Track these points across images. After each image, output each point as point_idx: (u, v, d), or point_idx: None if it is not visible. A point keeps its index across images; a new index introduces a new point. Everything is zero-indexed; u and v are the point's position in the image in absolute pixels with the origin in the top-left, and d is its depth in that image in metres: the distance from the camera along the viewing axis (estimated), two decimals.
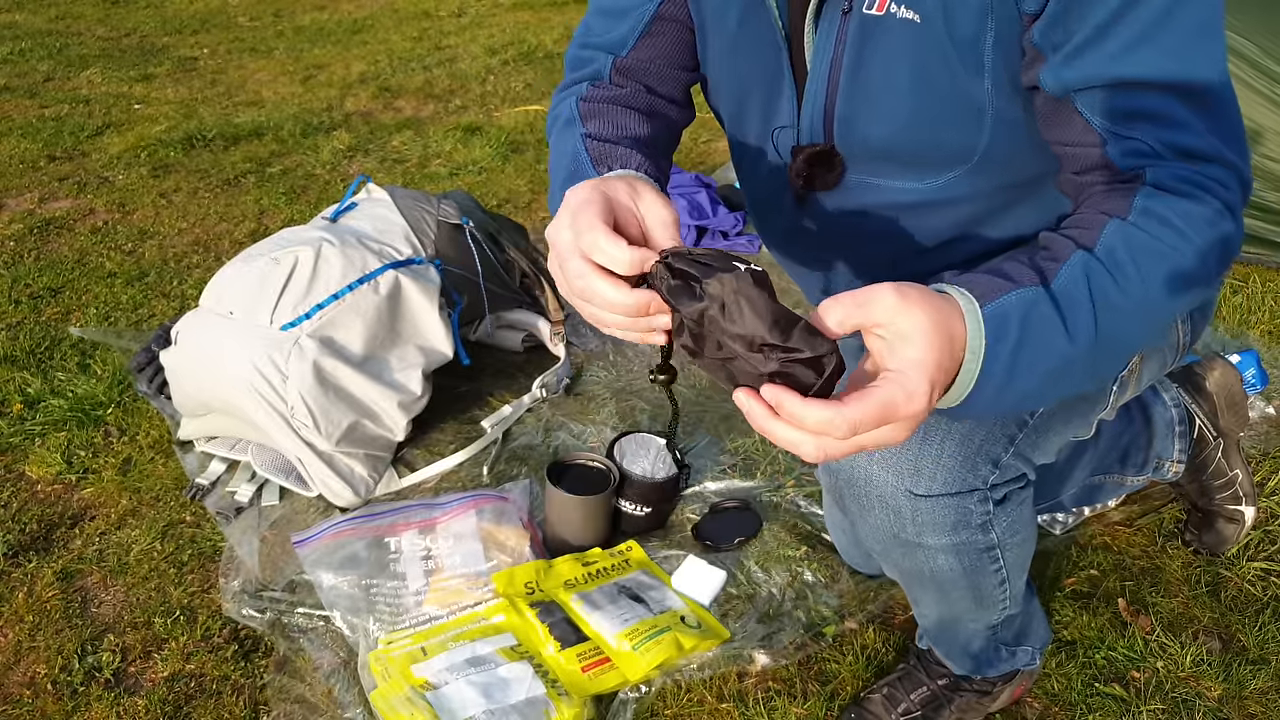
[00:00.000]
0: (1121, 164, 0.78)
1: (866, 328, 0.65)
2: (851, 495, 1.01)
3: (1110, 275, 0.72)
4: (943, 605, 1.13)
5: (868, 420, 0.62)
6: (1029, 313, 0.69)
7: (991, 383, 0.69)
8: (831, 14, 0.87)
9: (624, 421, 1.92)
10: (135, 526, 1.66)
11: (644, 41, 1.03)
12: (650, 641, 1.36)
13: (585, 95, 1.02)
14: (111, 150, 3.35)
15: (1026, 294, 0.69)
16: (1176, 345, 1.10)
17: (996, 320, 0.68)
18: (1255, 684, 1.39)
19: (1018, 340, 0.68)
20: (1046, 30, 0.78)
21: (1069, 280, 0.71)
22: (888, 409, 0.62)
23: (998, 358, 0.68)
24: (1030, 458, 1.02)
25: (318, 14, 5.54)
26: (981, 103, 0.85)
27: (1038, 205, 0.96)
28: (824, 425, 0.62)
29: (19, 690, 1.37)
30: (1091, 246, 0.73)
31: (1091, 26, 0.75)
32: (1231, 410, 1.57)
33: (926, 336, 0.63)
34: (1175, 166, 0.76)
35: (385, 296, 1.72)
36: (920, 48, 0.84)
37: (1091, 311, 0.71)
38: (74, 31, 5.10)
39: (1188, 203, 0.75)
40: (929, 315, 0.64)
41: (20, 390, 2.00)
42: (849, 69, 0.88)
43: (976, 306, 0.68)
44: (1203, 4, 0.75)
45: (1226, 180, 0.77)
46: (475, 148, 3.37)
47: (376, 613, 1.44)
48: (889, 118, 0.89)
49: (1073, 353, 0.71)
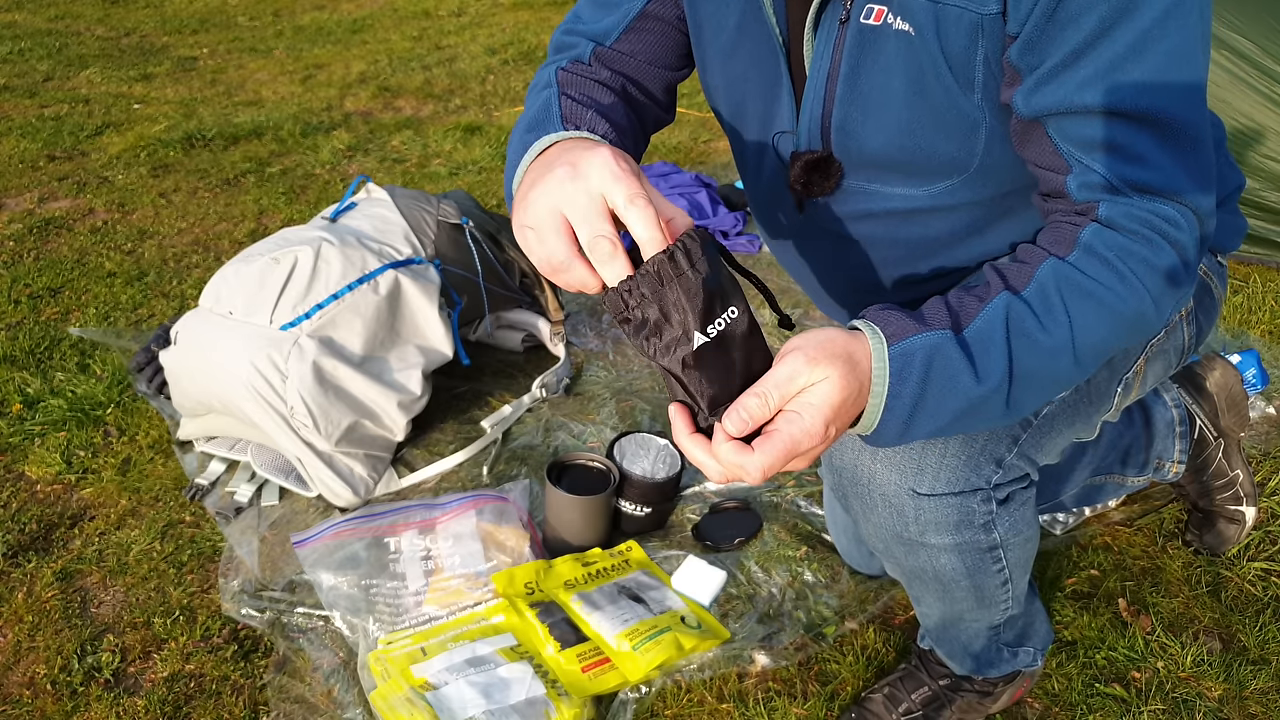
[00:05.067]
0: (1078, 196, 0.79)
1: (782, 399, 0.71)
2: (855, 494, 1.01)
3: (1035, 315, 0.75)
4: (945, 605, 1.13)
5: (776, 463, 0.70)
6: (933, 355, 0.74)
7: (896, 417, 0.75)
8: (830, 22, 0.88)
9: (624, 421, 1.92)
10: (135, 526, 1.66)
11: (628, 36, 1.04)
12: (650, 642, 1.36)
13: (565, 67, 1.03)
14: (111, 150, 3.35)
15: (933, 337, 0.74)
16: (1181, 348, 1.11)
17: (901, 360, 0.73)
18: (1256, 684, 1.38)
19: (921, 379, 0.73)
20: (1023, 52, 0.78)
21: (986, 321, 0.75)
22: (793, 448, 0.70)
23: (900, 395, 0.74)
24: (1033, 457, 1.02)
25: (317, 13, 5.54)
26: (975, 117, 0.86)
27: (1035, 211, 0.97)
28: (735, 468, 0.71)
29: (18, 690, 1.37)
30: (1021, 288, 0.77)
31: (1064, 52, 0.76)
32: (1232, 410, 1.57)
33: (830, 385, 0.70)
34: (1129, 204, 0.77)
35: (385, 296, 1.72)
36: (914, 59, 0.84)
37: (1006, 352, 0.75)
38: (73, 31, 5.10)
39: (1134, 243, 0.76)
40: (835, 369, 0.70)
41: (20, 390, 2.00)
42: (846, 77, 0.88)
43: (884, 346, 0.73)
44: (1181, 34, 0.74)
45: (1181, 220, 0.77)
46: (475, 147, 3.37)
47: (376, 613, 1.44)
48: (884, 127, 0.89)
49: (982, 392, 0.75)
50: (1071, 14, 0.74)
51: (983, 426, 0.80)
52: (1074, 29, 0.75)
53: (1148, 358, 1.07)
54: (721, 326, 0.70)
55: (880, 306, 0.78)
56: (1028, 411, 0.81)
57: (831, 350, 0.71)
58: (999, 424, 0.81)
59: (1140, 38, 0.74)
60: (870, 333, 0.74)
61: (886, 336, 0.74)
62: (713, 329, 0.70)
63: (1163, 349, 1.08)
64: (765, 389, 0.70)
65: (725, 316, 0.71)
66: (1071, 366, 0.78)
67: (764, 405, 0.70)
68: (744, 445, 0.70)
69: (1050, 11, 0.75)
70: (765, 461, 0.70)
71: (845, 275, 1.08)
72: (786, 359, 0.71)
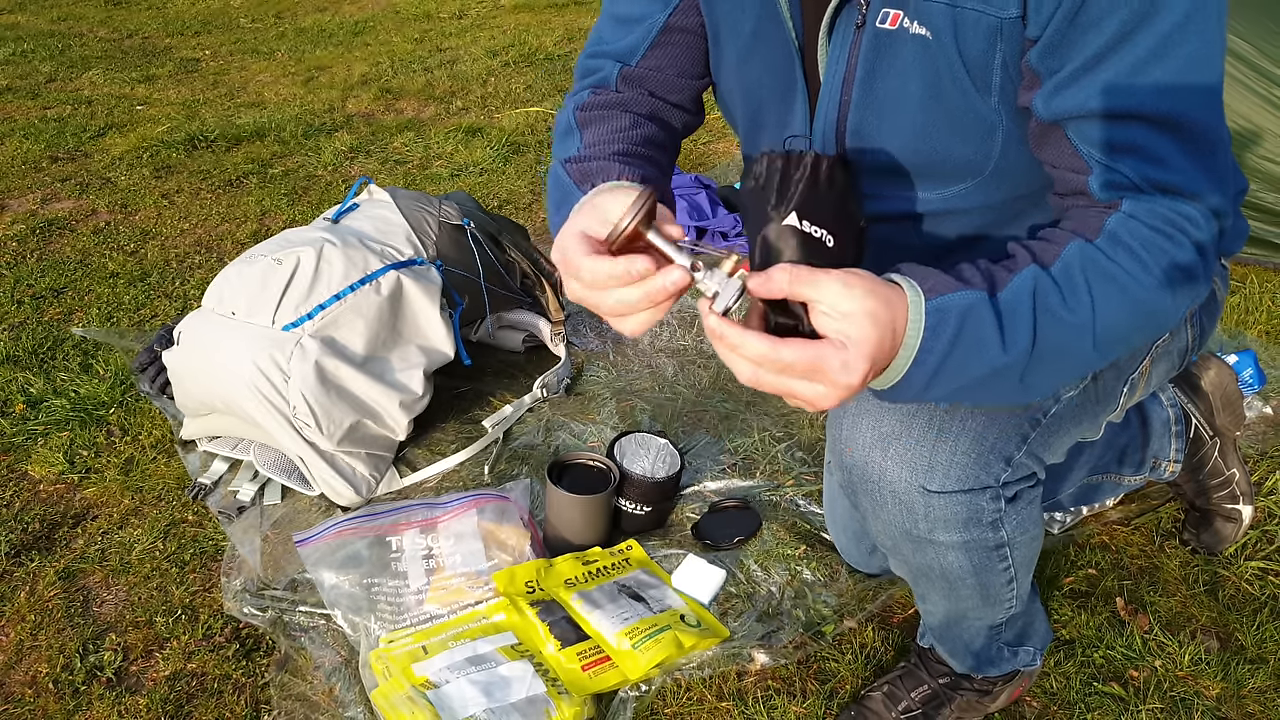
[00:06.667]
0: (1101, 196, 0.80)
1: (812, 302, 0.70)
2: (864, 490, 1.02)
3: (1060, 292, 0.75)
4: (950, 602, 1.13)
5: (798, 365, 0.68)
6: (967, 314, 0.73)
7: (923, 371, 0.74)
8: (845, 27, 0.88)
9: (624, 421, 1.92)
10: (137, 526, 1.67)
11: (653, 51, 1.04)
12: (650, 640, 1.37)
13: (583, 104, 1.04)
14: (114, 151, 3.36)
15: (970, 296, 0.74)
16: (1185, 349, 1.12)
17: (938, 315, 0.73)
18: (1253, 683, 1.39)
19: (953, 337, 0.73)
20: (1043, 56, 0.79)
21: (1014, 292, 0.75)
22: (819, 363, 0.68)
23: (931, 350, 0.73)
24: (1041, 456, 1.03)
25: (319, 15, 5.55)
26: (992, 120, 0.86)
27: (1049, 212, 0.97)
28: (763, 350, 0.68)
29: (21, 689, 1.38)
30: (1049, 263, 0.76)
31: (1086, 56, 0.77)
32: (1227, 409, 1.58)
33: (869, 318, 0.69)
34: (1152, 202, 0.78)
35: (387, 297, 1.73)
36: (931, 63, 0.85)
37: (1031, 324, 0.75)
38: (76, 33, 5.11)
39: (1158, 236, 0.77)
40: (872, 301, 0.69)
41: (23, 390, 2.01)
42: (861, 82, 0.89)
43: (921, 298, 0.73)
44: (1200, 39, 0.75)
45: (1200, 220, 0.78)
46: (476, 149, 3.38)
47: (378, 612, 1.44)
48: (900, 131, 0.90)
49: (1005, 361, 0.75)
50: (1093, 18, 0.75)
51: (991, 400, 0.80)
52: (1095, 33, 0.75)
53: (1153, 358, 1.08)
54: (811, 231, 0.76)
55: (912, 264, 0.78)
56: (1037, 394, 0.80)
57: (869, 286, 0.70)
58: (1008, 400, 0.80)
59: (1161, 42, 0.74)
60: (908, 286, 0.74)
61: (924, 291, 0.73)
62: (806, 225, 0.76)
63: (1167, 350, 1.09)
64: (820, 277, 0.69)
65: (819, 229, 0.77)
66: (1090, 349, 0.78)
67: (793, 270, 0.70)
68: (770, 337, 0.69)
69: (1072, 15, 0.76)
70: (789, 356, 0.68)
71: None
72: (849, 274, 0.70)
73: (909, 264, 0.77)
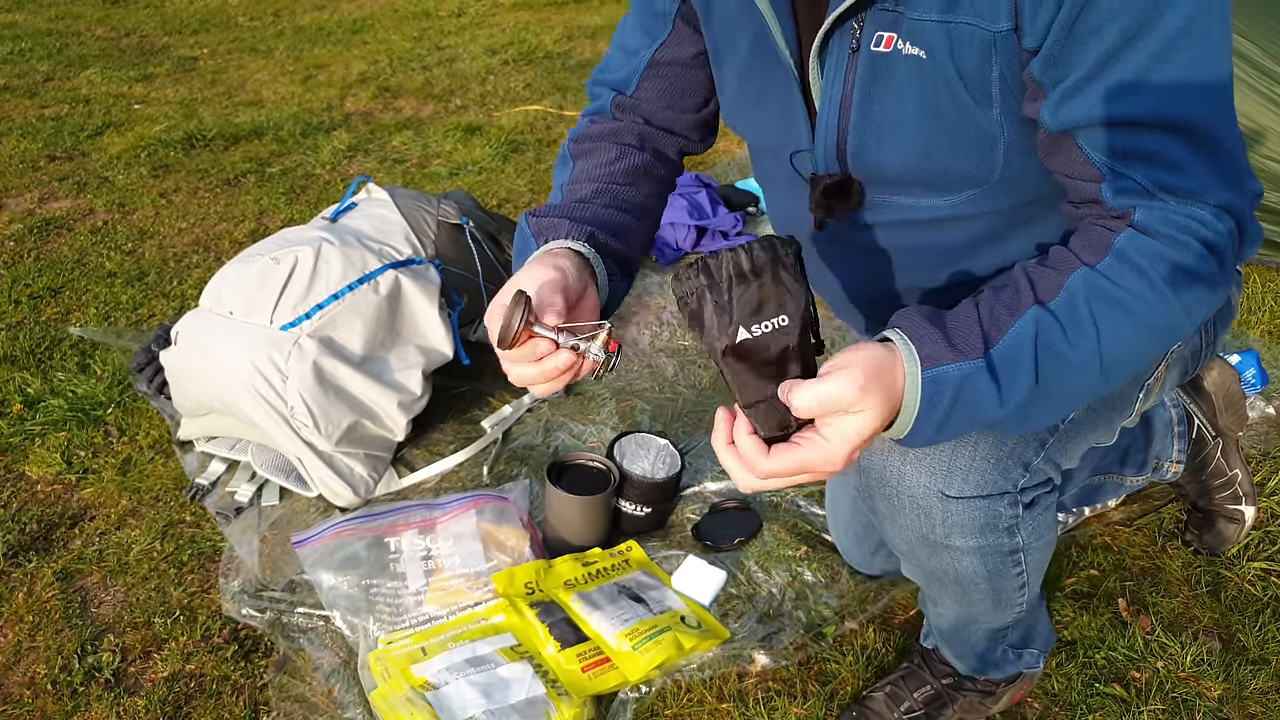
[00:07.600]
0: (1113, 204, 0.80)
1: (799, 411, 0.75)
2: (882, 495, 1.02)
3: (1063, 329, 0.77)
4: (962, 606, 1.13)
5: (782, 472, 0.76)
6: (963, 385, 0.77)
7: (919, 436, 0.80)
8: (839, 51, 0.88)
9: (624, 421, 1.92)
10: (135, 526, 1.66)
11: (645, 83, 1.10)
12: (650, 641, 1.36)
13: (578, 135, 1.11)
14: (111, 150, 3.35)
15: (965, 368, 0.77)
16: (1197, 353, 1.12)
17: (933, 386, 0.77)
18: (1255, 684, 1.39)
19: (949, 407, 0.77)
20: (1045, 67, 0.78)
21: (1015, 339, 0.77)
22: (804, 466, 0.75)
23: (927, 420, 0.78)
24: (1058, 462, 1.03)
25: (318, 14, 5.54)
26: (993, 133, 0.86)
27: (1058, 217, 0.97)
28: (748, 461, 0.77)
29: (19, 690, 1.37)
30: (1052, 296, 0.78)
31: (1089, 65, 0.76)
32: (1229, 410, 1.57)
33: (869, 418, 0.74)
34: (1165, 208, 0.78)
35: (385, 296, 1.72)
36: (928, 83, 0.84)
37: (1033, 370, 0.77)
38: (74, 31, 5.10)
39: (1169, 248, 0.77)
40: (878, 400, 0.74)
41: (20, 390, 2.00)
42: (859, 105, 0.89)
43: (918, 369, 0.77)
44: (1204, 41, 0.74)
45: (1217, 223, 0.77)
46: (475, 148, 3.37)
47: (376, 613, 1.44)
48: (901, 151, 0.90)
49: (1003, 414, 0.79)
50: (1092, 26, 0.74)
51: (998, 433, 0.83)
52: (1096, 41, 0.75)
53: (1168, 363, 1.08)
54: (766, 330, 0.76)
55: (911, 314, 0.80)
56: (1045, 425, 0.83)
57: (879, 378, 0.75)
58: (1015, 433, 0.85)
59: (1165, 46, 0.74)
60: (906, 352, 0.78)
61: (921, 359, 0.77)
62: (755, 330, 0.76)
63: (1181, 355, 1.09)
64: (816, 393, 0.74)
65: (774, 321, 0.76)
66: (1098, 378, 0.79)
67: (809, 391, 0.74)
68: (763, 444, 0.76)
69: (1069, 25, 0.75)
70: (773, 466, 0.75)
71: (865, 283, 1.09)
72: (838, 376, 0.74)
73: (906, 314, 0.80)
